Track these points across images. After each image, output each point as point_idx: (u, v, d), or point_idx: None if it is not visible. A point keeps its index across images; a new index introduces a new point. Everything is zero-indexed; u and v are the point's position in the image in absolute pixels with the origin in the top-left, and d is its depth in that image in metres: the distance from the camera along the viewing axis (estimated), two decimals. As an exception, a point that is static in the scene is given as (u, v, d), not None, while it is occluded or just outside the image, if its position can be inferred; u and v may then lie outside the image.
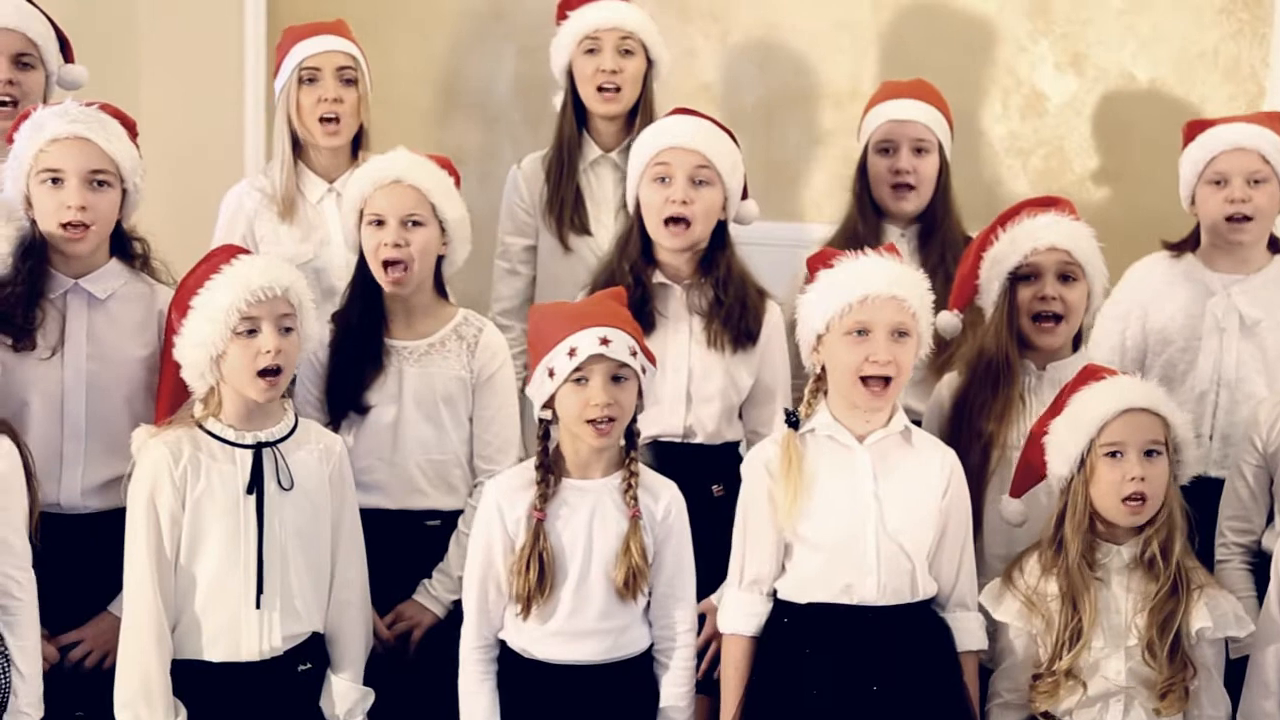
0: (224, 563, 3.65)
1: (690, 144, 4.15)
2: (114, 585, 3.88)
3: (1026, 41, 5.25)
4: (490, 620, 3.75)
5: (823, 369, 3.82)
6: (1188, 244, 4.48)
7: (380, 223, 4.04)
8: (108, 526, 3.91)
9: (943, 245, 4.54)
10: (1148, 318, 4.51)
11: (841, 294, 3.74)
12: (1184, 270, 4.48)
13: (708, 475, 4.11)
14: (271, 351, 3.64)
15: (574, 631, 3.72)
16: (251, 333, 3.64)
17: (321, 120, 4.48)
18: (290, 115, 4.52)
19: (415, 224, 4.04)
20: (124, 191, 4.01)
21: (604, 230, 4.71)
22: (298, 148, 4.58)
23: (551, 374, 3.67)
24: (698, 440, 4.20)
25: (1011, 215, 4.16)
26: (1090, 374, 3.84)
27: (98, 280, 4.00)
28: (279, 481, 3.69)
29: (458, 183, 4.20)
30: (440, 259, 4.12)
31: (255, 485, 3.67)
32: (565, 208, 4.71)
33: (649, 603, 3.78)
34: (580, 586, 3.71)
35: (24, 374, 3.93)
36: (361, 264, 4.11)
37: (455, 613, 3.97)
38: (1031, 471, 3.88)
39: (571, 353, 3.64)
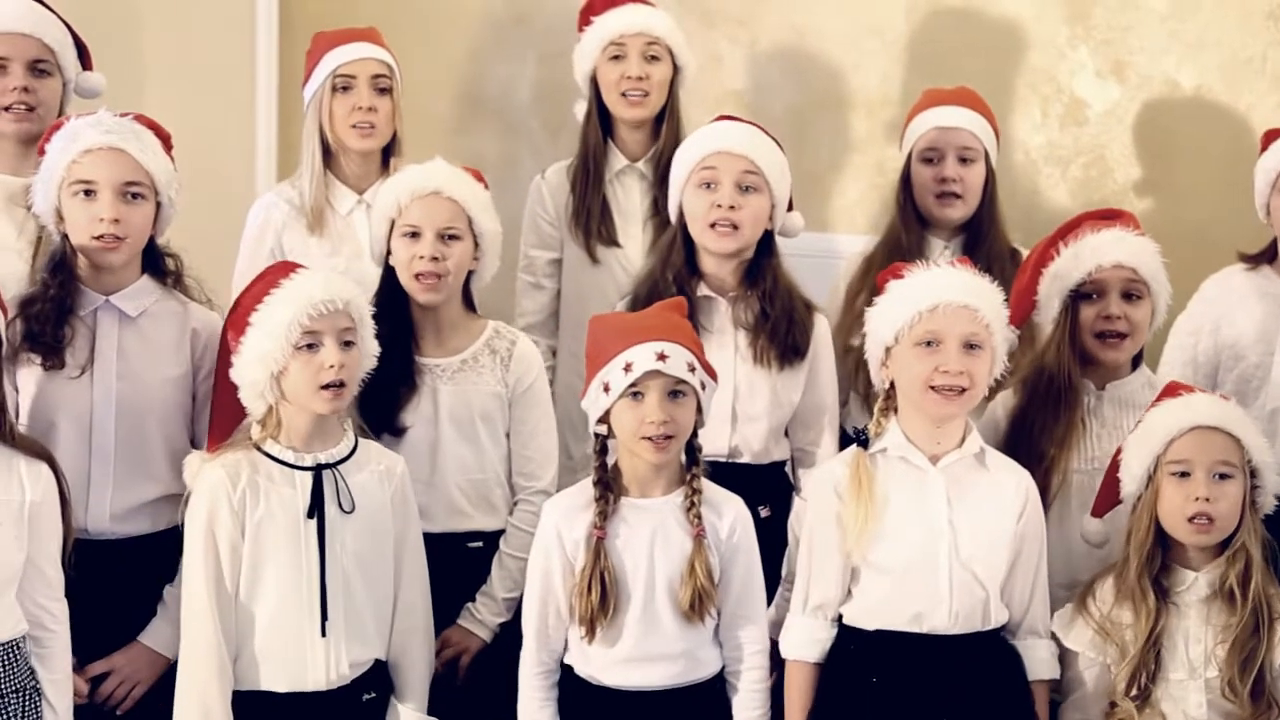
0: (286, 590, 3.54)
1: (738, 149, 4.04)
2: (144, 614, 3.79)
3: (1065, 48, 5.11)
4: (550, 645, 3.63)
5: (891, 386, 3.70)
6: (1264, 256, 4.34)
7: (415, 234, 3.92)
8: (137, 553, 3.80)
9: (989, 257, 4.38)
10: (1220, 331, 4.37)
11: (911, 304, 3.62)
12: (1259, 283, 4.34)
13: (754, 496, 3.91)
14: (335, 366, 3.52)
15: (642, 656, 3.59)
16: (312, 347, 3.53)
17: (354, 127, 4.38)
18: (322, 123, 4.40)
19: (452, 237, 3.91)
20: (158, 205, 3.87)
21: (632, 242, 4.59)
22: (327, 157, 4.43)
23: (607, 389, 3.55)
24: (744, 460, 4.08)
25: (1072, 229, 4.03)
26: (1169, 390, 3.72)
27: (129, 297, 3.85)
28: (340, 504, 3.58)
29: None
30: (469, 273, 4.02)
31: (316, 509, 3.56)
32: (592, 219, 4.58)
33: (718, 624, 3.66)
34: (646, 609, 3.58)
35: (52, 394, 3.79)
36: (388, 278, 3.98)
37: (502, 636, 3.92)
38: (1111, 491, 3.75)
39: (627, 368, 3.52)
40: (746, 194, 3.98)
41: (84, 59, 4.36)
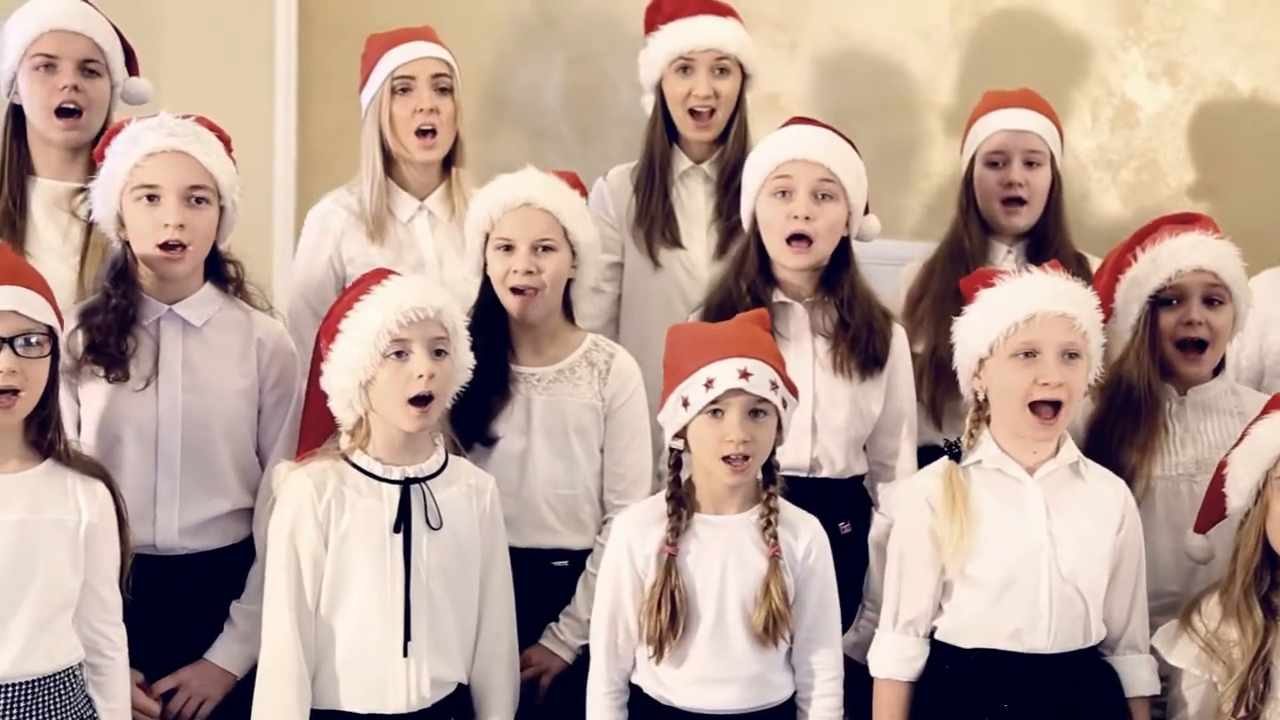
0: (369, 606, 3.43)
1: (813, 156, 3.92)
2: (212, 630, 3.71)
3: (1117, 50, 5.05)
4: (619, 663, 3.51)
5: (983, 396, 3.61)
6: None
7: (509, 248, 3.82)
8: (206, 568, 3.71)
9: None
10: (1266, 336, 4.32)
11: (1007, 314, 3.52)
12: None
13: (834, 512, 3.83)
14: (424, 376, 3.41)
15: (712, 678, 3.47)
16: (401, 355, 3.42)
17: (417, 133, 4.21)
18: (382, 128, 4.24)
19: (546, 249, 3.81)
20: (220, 210, 3.75)
21: (696, 244, 4.46)
22: (388, 163, 4.30)
23: (686, 404, 3.43)
24: (823, 474, 3.96)
25: (1149, 233, 3.95)
26: (1276, 403, 3.62)
27: (193, 306, 3.72)
28: (427, 520, 3.46)
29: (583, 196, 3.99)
30: (568, 281, 3.89)
31: (402, 523, 3.44)
32: (655, 222, 4.45)
33: (790, 647, 3.54)
34: (717, 629, 3.47)
35: (116, 407, 3.67)
36: (485, 286, 3.88)
37: (583, 657, 3.78)
38: (1215, 506, 3.64)
39: (709, 384, 3.40)
40: (822, 202, 3.87)
41: (131, 64, 4.24)
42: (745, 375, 3.41)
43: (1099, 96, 5.05)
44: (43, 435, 3.40)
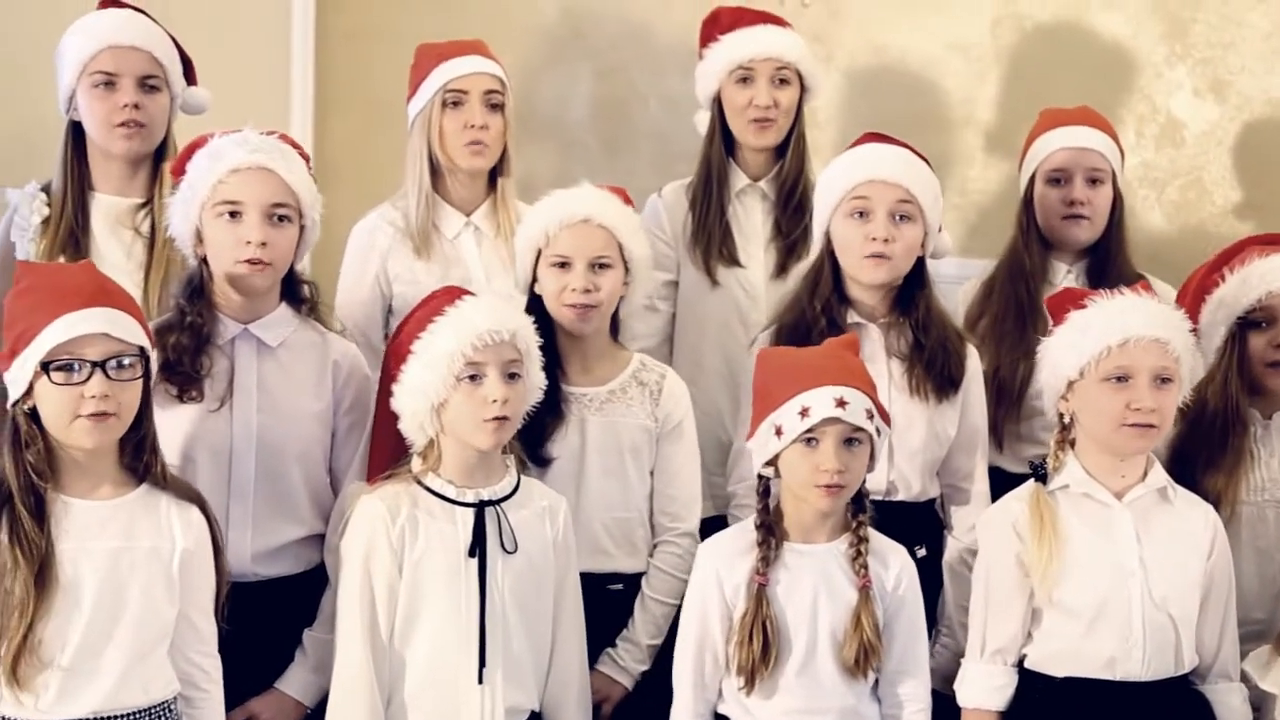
0: (444, 632, 3.36)
1: (892, 176, 3.85)
2: (283, 659, 3.64)
3: (1163, 67, 5.00)
4: (706, 695, 3.46)
5: (1069, 418, 3.57)
6: None
7: (565, 265, 3.76)
8: (276, 595, 3.64)
9: (1116, 282, 4.16)
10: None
11: (1099, 337, 3.48)
12: None
13: (910, 536, 3.76)
14: (498, 400, 3.35)
15: (802, 709, 3.41)
16: (475, 379, 3.36)
17: (466, 146, 4.13)
18: (430, 141, 4.16)
19: (603, 266, 3.76)
20: (300, 229, 3.68)
21: (754, 263, 4.39)
22: (434, 177, 4.22)
23: (779, 432, 3.39)
24: (899, 498, 3.90)
25: (1236, 254, 3.91)
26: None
27: (269, 326, 3.65)
28: (502, 544, 3.40)
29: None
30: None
31: (478, 547, 3.38)
32: (713, 239, 4.38)
33: (878, 678, 3.50)
34: (807, 662, 3.41)
35: (190, 428, 3.59)
36: (533, 305, 3.79)
37: (642, 684, 3.78)
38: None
39: (804, 412, 3.36)
40: (900, 224, 3.80)
41: (189, 73, 4.16)
42: (842, 404, 3.36)
43: (1144, 114, 5.00)
44: (138, 459, 3.33)
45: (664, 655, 3.74)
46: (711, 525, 3.90)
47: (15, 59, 4.88)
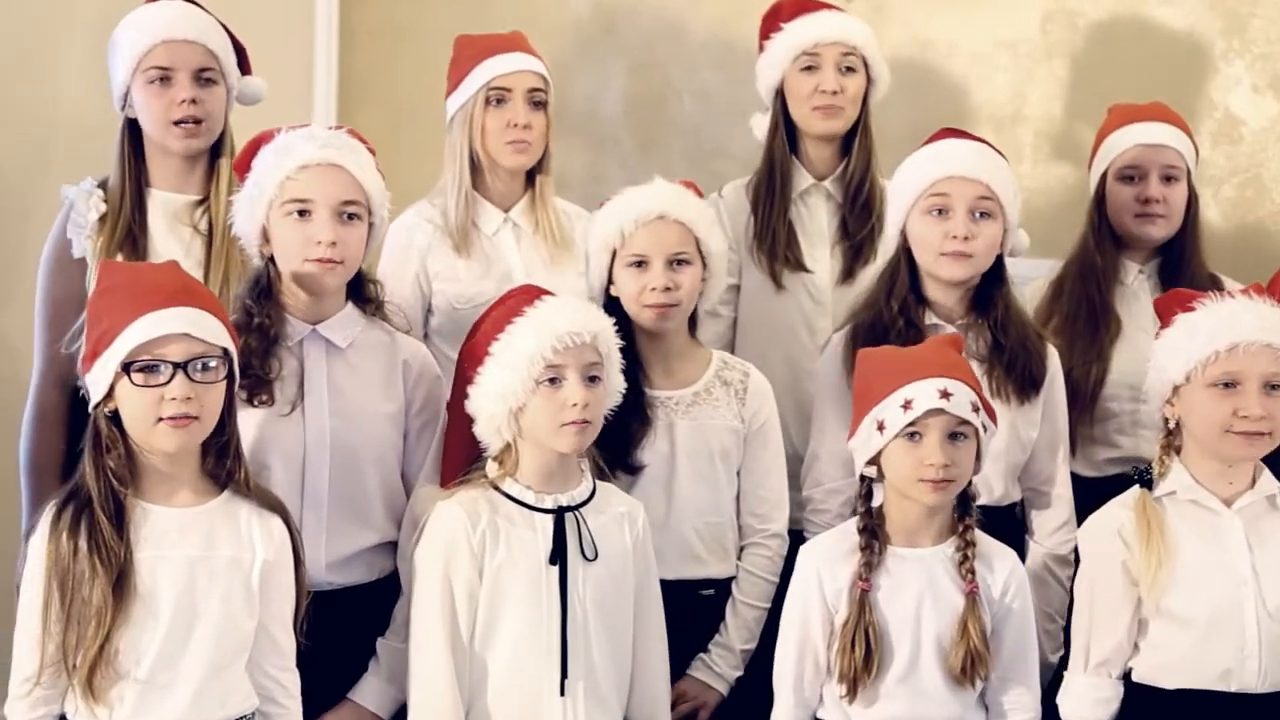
0: (525, 643, 3.28)
1: (971, 172, 3.75)
2: (356, 669, 3.53)
3: (1220, 62, 4.91)
4: (806, 700, 3.39)
5: (1174, 423, 3.49)
6: None
7: (642, 264, 3.66)
8: (351, 604, 3.52)
9: (1190, 284, 4.11)
10: None
11: (1207, 341, 3.40)
12: None
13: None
14: (578, 405, 3.26)
15: (906, 718, 3.35)
16: (555, 382, 3.27)
17: (509, 144, 4.02)
18: (472, 138, 4.06)
19: (681, 263, 3.67)
20: (369, 226, 3.56)
21: (820, 266, 4.28)
22: (474, 174, 4.13)
23: (881, 427, 3.32)
24: (981, 503, 3.75)
25: None
26: None
27: (337, 327, 3.53)
28: (582, 551, 3.31)
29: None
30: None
31: (558, 554, 3.29)
32: (777, 241, 4.26)
33: (985, 686, 3.41)
34: (911, 669, 3.34)
35: (262, 432, 3.47)
36: (610, 307, 3.68)
37: (736, 690, 3.72)
38: None
39: (906, 405, 3.28)
40: (980, 221, 3.71)
41: (243, 63, 4.04)
42: (946, 395, 3.28)
43: (1200, 110, 4.90)
44: (220, 465, 3.23)
45: (756, 659, 3.70)
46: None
47: (33, 57, 4.76)
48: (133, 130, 3.93)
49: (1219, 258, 4.51)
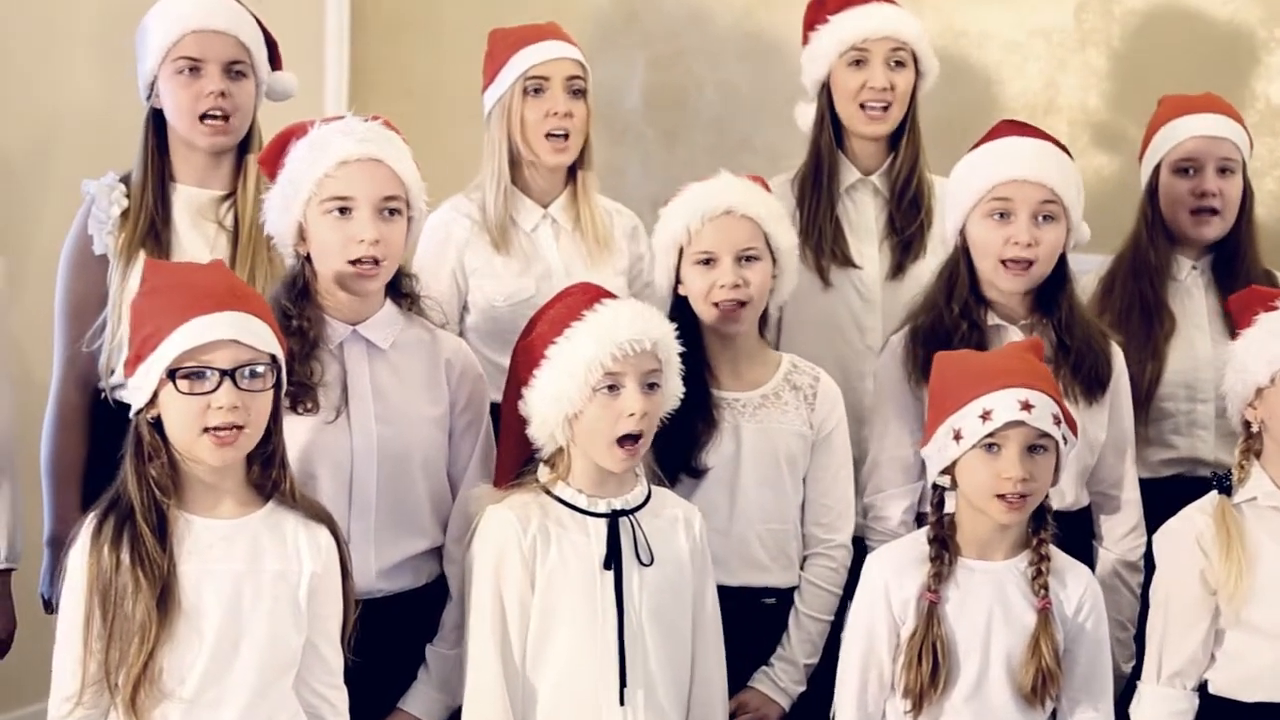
0: (580, 651, 3.17)
1: (1035, 175, 3.63)
2: (405, 677, 3.41)
3: (1261, 51, 4.81)
4: (869, 716, 3.28)
5: (1256, 427, 3.38)
6: None
7: (710, 261, 3.56)
8: (397, 611, 3.39)
9: (1245, 280, 4.03)
10: None
11: None
12: None
13: (1063, 547, 3.52)
14: (636, 415, 3.16)
15: (971, 736, 3.24)
16: (613, 389, 3.16)
17: (547, 136, 3.94)
18: (510, 131, 3.96)
19: (750, 259, 3.56)
20: (408, 220, 3.43)
21: (870, 264, 4.16)
22: (512, 169, 4.03)
23: (958, 437, 3.21)
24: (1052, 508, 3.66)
25: None
26: None
27: (378, 327, 3.39)
28: (638, 556, 3.21)
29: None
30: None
31: (613, 559, 3.19)
32: (824, 237, 4.14)
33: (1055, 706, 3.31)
34: (978, 686, 3.24)
35: (307, 440, 3.34)
36: (677, 307, 3.61)
37: (798, 705, 3.63)
38: None
39: (985, 415, 3.18)
40: (1043, 225, 3.59)
41: (274, 57, 3.90)
42: (1027, 407, 3.17)
43: (1241, 101, 4.77)
44: (266, 475, 3.10)
45: (818, 671, 3.62)
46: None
47: (40, 49, 4.65)
48: (157, 122, 3.79)
49: (1263, 252, 4.39)
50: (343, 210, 3.30)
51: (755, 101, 5.24)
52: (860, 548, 3.74)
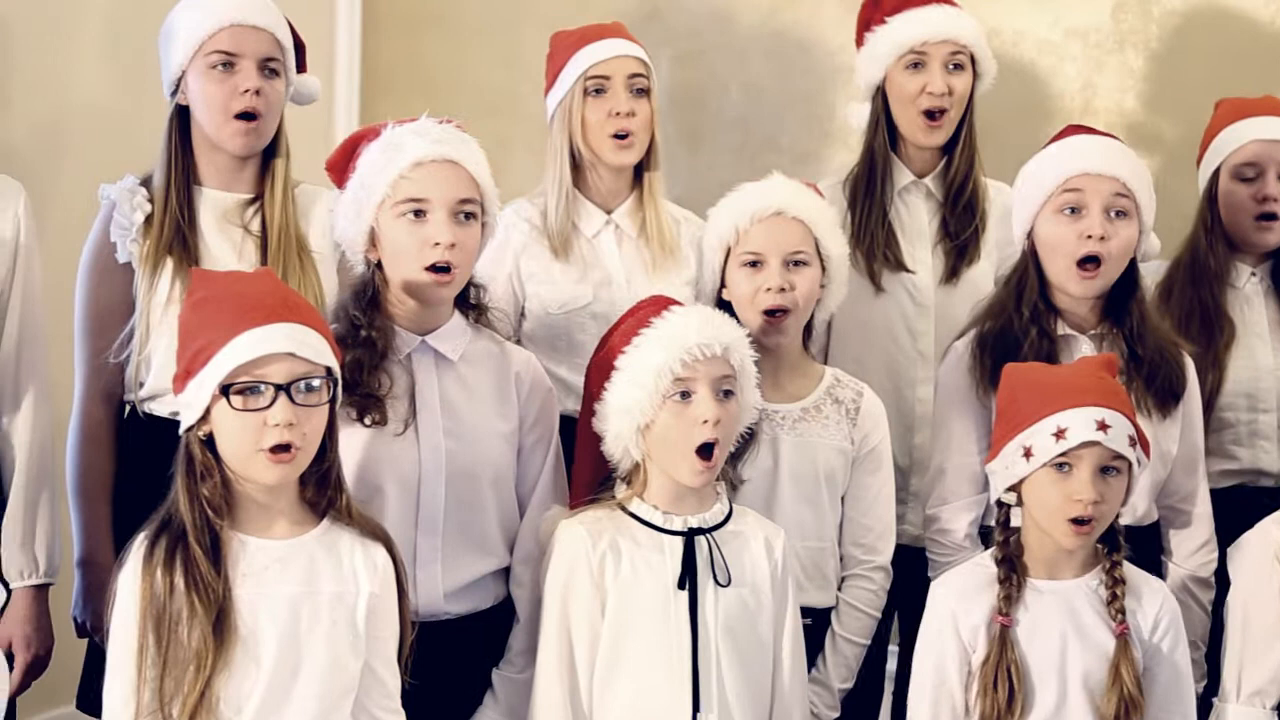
0: (652, 671, 3.08)
1: (1107, 169, 3.53)
2: (467, 701, 3.31)
3: (1304, 50, 4.69)
4: None
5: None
6: None
7: (758, 263, 3.47)
8: (464, 633, 3.28)
9: (1307, 288, 3.95)
10: None
11: None
12: None
13: (1134, 562, 3.42)
14: (709, 422, 3.06)
15: (1054, 765, 3.13)
16: (684, 397, 3.06)
17: (613, 137, 3.84)
18: (573, 133, 3.88)
19: (799, 263, 3.47)
20: (482, 225, 3.33)
21: (923, 268, 4.06)
22: (575, 172, 3.93)
23: (1028, 454, 3.11)
24: (1124, 523, 3.53)
25: None
26: None
27: (447, 337, 3.29)
28: (714, 576, 3.10)
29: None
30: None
31: (688, 578, 3.09)
32: (876, 242, 4.04)
33: None
34: (1058, 712, 3.13)
35: (374, 453, 3.22)
36: (721, 310, 3.45)
37: None
38: None
39: (1059, 434, 3.08)
40: (1116, 220, 3.49)
41: (300, 59, 3.76)
42: (1103, 427, 3.08)
43: (1284, 102, 4.67)
44: (321, 493, 2.98)
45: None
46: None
47: (46, 45, 4.53)
48: (183, 121, 3.62)
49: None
50: (417, 213, 3.20)
51: (779, 101, 5.15)
52: (919, 559, 3.67)
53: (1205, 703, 3.40)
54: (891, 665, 3.86)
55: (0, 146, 4.38)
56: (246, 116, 3.55)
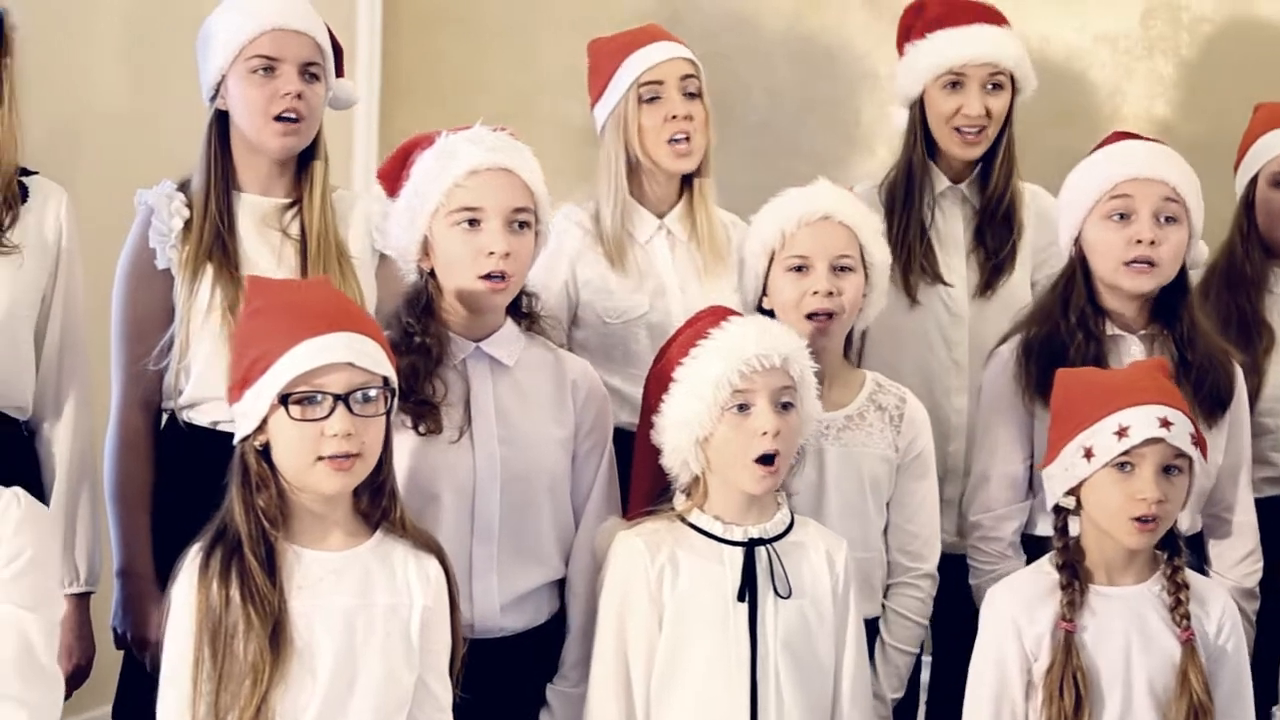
0: (709, 688, 3.04)
1: (1156, 173, 3.52)
2: (521, 716, 3.26)
3: (1338, 59, 4.69)
4: None
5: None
6: None
7: (803, 268, 3.45)
8: (519, 649, 3.25)
9: (1343, 296, 3.94)
10: None
11: None
12: None
13: (1189, 572, 3.45)
14: (769, 433, 3.04)
15: (1124, 775, 3.10)
16: (743, 409, 3.05)
17: (670, 142, 3.83)
18: (628, 142, 3.84)
19: (844, 269, 3.45)
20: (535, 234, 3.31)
21: (958, 279, 4.03)
22: (629, 179, 3.90)
23: (1089, 454, 3.09)
24: (1169, 533, 3.55)
25: None
26: None
27: (501, 344, 3.27)
28: (775, 588, 3.07)
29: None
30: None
31: (748, 590, 3.05)
32: (913, 253, 4.01)
33: None
34: (1125, 718, 3.11)
35: (429, 461, 3.19)
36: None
37: None
38: None
39: (1121, 432, 3.05)
40: (1166, 225, 3.48)
41: (338, 64, 3.72)
42: (1166, 424, 3.05)
43: (1315, 111, 4.66)
44: (375, 505, 2.96)
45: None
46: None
47: (62, 48, 4.47)
48: (222, 125, 3.59)
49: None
50: (472, 222, 3.19)
51: (802, 106, 5.12)
52: (954, 566, 3.64)
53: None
54: (924, 675, 3.83)
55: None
56: (287, 119, 3.52)
